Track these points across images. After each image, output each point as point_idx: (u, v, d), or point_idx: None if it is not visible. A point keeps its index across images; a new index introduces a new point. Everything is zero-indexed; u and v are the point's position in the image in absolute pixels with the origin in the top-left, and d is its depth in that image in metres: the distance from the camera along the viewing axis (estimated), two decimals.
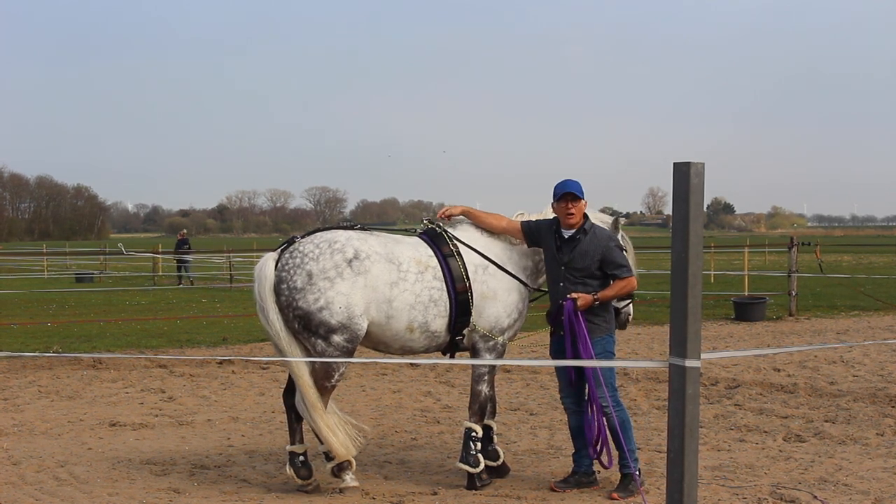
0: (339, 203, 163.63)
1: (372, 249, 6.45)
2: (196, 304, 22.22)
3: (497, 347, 6.71)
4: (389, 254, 6.49)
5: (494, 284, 6.66)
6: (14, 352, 11.24)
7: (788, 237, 20.67)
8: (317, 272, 6.30)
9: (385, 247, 6.53)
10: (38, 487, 6.71)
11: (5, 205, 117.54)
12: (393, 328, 6.45)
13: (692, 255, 3.50)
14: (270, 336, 6.54)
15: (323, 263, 6.32)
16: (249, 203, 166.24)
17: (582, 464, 6.59)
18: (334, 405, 6.63)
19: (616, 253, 6.41)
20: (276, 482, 6.83)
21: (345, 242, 6.42)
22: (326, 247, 6.40)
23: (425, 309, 6.46)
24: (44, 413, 9.35)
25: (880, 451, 7.58)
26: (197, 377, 11.38)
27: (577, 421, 6.56)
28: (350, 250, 6.37)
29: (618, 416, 6.35)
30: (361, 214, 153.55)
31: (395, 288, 6.40)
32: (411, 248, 6.62)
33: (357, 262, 6.34)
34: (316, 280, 6.29)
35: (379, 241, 6.59)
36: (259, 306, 6.48)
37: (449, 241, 6.66)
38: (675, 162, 3.53)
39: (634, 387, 10.50)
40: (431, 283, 6.49)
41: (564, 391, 6.67)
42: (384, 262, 6.42)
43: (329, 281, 6.29)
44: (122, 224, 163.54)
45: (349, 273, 6.31)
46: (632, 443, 6.47)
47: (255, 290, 6.49)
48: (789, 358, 12.35)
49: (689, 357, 3.51)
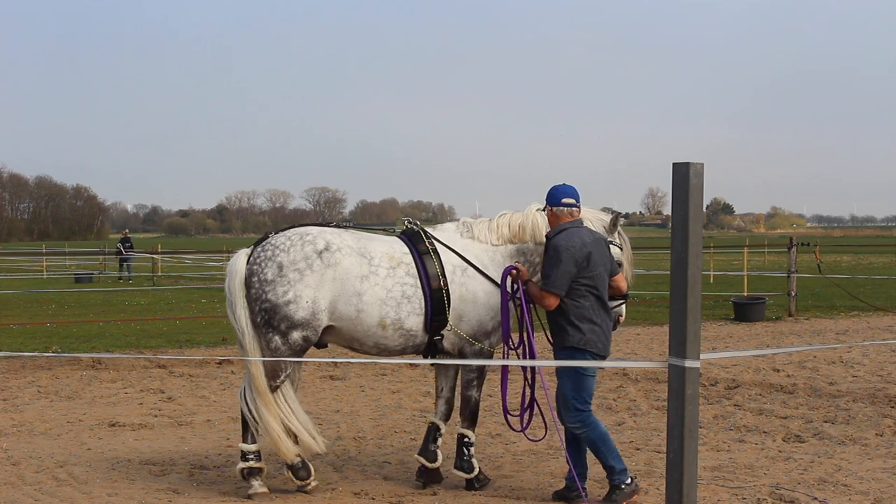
0: (339, 203, 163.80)
1: (344, 242, 6.44)
2: (196, 304, 22.21)
3: (484, 352, 6.61)
4: (362, 248, 6.46)
5: (474, 287, 6.54)
6: (13, 352, 11.22)
7: (788, 237, 20.69)
8: (287, 263, 6.30)
9: (358, 241, 6.52)
10: (38, 488, 6.70)
11: (5, 205, 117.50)
12: (364, 323, 6.36)
13: (692, 256, 3.50)
14: (235, 332, 6.52)
15: (293, 255, 6.32)
16: (249, 203, 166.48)
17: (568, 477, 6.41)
18: (299, 405, 6.64)
19: (545, 261, 6.28)
20: (276, 482, 6.83)
21: (317, 235, 6.44)
22: (298, 238, 6.41)
23: (398, 305, 6.38)
24: (43, 413, 9.35)
25: (880, 451, 7.58)
26: (196, 377, 11.37)
27: (569, 434, 6.37)
28: (321, 242, 6.37)
29: (589, 435, 6.16)
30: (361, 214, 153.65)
31: (366, 282, 6.34)
32: (385, 245, 6.59)
33: (328, 253, 6.33)
34: (286, 272, 6.29)
35: (353, 236, 6.59)
36: (228, 301, 6.50)
37: (425, 238, 6.60)
38: (675, 162, 3.54)
39: (634, 387, 10.49)
40: (404, 279, 6.42)
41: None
42: (355, 256, 6.39)
43: (299, 273, 6.27)
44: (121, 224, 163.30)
45: (319, 264, 6.29)
46: (613, 457, 6.17)
47: (226, 285, 6.52)
48: (789, 358, 12.35)
49: (689, 357, 3.51)
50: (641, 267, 36.58)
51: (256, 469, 6.47)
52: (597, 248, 6.14)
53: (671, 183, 3.55)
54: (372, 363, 11.58)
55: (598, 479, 6.52)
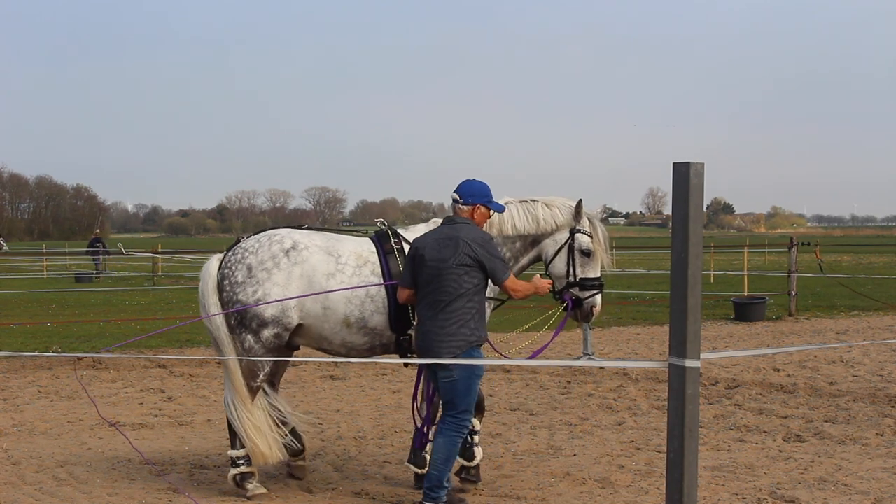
0: (339, 203, 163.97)
1: (311, 242, 6.53)
2: (196, 305, 22.20)
3: None
4: (330, 247, 6.53)
5: None
6: (14, 352, 11.24)
7: (788, 237, 20.69)
8: (255, 264, 6.41)
9: (327, 241, 6.59)
10: (38, 487, 6.71)
11: (5, 205, 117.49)
12: (330, 321, 6.41)
13: (692, 256, 3.50)
14: (210, 334, 6.61)
15: (261, 255, 6.43)
16: (249, 203, 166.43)
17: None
18: (287, 405, 6.73)
19: None
20: (275, 482, 6.83)
21: (285, 235, 6.55)
22: (266, 240, 6.53)
23: (361, 304, 6.40)
24: (43, 413, 9.35)
25: (880, 451, 7.58)
26: (196, 377, 11.38)
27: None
28: (288, 241, 6.48)
29: (451, 440, 5.89)
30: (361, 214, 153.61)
31: (332, 280, 6.39)
32: (354, 244, 6.63)
33: (294, 252, 6.42)
34: (255, 272, 6.39)
35: (322, 236, 6.66)
36: (201, 304, 6.59)
37: (392, 238, 6.59)
38: (675, 162, 3.53)
39: (634, 386, 10.49)
40: (369, 279, 6.44)
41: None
42: (323, 254, 6.46)
43: (267, 272, 6.37)
44: (121, 224, 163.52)
45: (286, 263, 6.38)
46: (446, 474, 5.89)
47: (199, 289, 6.60)
48: (789, 358, 12.35)
49: (689, 357, 3.51)
50: (642, 266, 36.60)
51: (248, 473, 6.50)
52: (436, 248, 5.85)
53: (671, 183, 3.54)
54: (372, 363, 11.58)
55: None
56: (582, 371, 11.38)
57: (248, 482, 6.48)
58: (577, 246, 6.42)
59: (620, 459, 7.39)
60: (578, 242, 6.42)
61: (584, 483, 6.74)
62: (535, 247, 6.61)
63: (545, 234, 6.56)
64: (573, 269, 6.41)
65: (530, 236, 6.58)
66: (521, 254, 6.65)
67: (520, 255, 6.65)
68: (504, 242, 6.59)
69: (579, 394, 10.21)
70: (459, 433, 5.92)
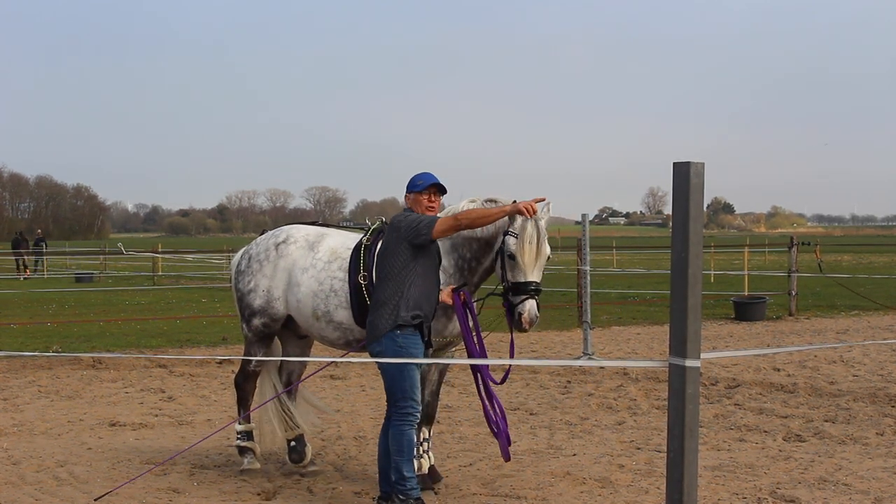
0: (339, 203, 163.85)
1: (301, 235, 6.79)
2: (196, 304, 22.21)
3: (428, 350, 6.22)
4: (316, 242, 6.72)
5: None
6: (14, 351, 11.23)
7: (788, 237, 20.68)
8: (253, 256, 6.93)
9: (319, 236, 6.78)
10: (38, 487, 6.71)
11: (5, 205, 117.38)
12: (303, 314, 6.66)
13: (692, 255, 3.50)
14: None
15: (259, 248, 6.90)
16: (249, 203, 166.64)
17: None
18: (302, 413, 7.13)
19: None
20: (276, 482, 6.83)
21: (287, 230, 6.93)
22: (270, 234, 6.97)
23: (326, 298, 6.53)
24: (43, 413, 9.35)
25: (880, 450, 7.58)
26: (197, 377, 11.38)
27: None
28: (283, 235, 6.84)
29: (398, 430, 5.79)
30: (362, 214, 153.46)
31: (305, 274, 6.64)
32: (338, 240, 6.75)
33: (283, 245, 6.77)
34: (251, 263, 6.88)
35: (319, 231, 6.90)
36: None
37: (369, 233, 6.52)
38: (675, 162, 3.53)
39: (634, 386, 10.49)
40: (335, 273, 6.55)
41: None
42: (305, 249, 6.70)
43: (259, 263, 6.83)
44: (121, 224, 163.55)
45: (273, 255, 6.79)
46: (410, 467, 5.82)
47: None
48: (789, 358, 12.35)
49: (689, 357, 3.51)
50: (642, 266, 36.59)
51: (246, 448, 7.07)
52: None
53: (672, 182, 3.54)
54: (372, 363, 11.56)
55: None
56: (582, 371, 11.38)
57: (246, 455, 7.03)
58: (506, 248, 6.06)
59: (620, 459, 7.39)
60: (506, 244, 6.05)
61: (585, 483, 6.74)
62: (491, 248, 6.30)
63: (494, 237, 6.23)
64: (503, 273, 6.09)
65: (484, 238, 6.29)
66: (481, 255, 6.37)
67: (480, 256, 6.38)
68: (464, 244, 6.38)
69: (579, 393, 10.21)
70: (404, 421, 5.80)
